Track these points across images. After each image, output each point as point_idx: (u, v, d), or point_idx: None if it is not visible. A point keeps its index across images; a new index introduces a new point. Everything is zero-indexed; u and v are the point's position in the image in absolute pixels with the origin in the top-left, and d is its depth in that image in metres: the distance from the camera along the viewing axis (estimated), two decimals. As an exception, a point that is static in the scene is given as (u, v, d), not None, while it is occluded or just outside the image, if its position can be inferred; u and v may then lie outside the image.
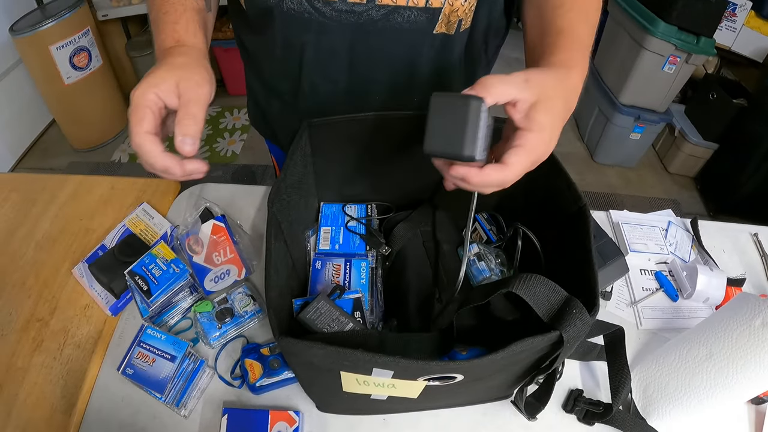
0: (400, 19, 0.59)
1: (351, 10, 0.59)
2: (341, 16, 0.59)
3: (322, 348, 0.41)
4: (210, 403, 0.65)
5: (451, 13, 0.60)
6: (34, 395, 0.67)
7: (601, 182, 2.45)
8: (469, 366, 0.41)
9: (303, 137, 0.61)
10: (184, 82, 0.48)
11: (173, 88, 0.47)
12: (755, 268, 0.86)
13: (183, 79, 0.48)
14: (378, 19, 0.59)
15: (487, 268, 0.64)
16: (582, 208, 0.54)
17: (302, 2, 0.59)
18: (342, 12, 0.59)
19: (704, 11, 1.97)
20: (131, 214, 0.86)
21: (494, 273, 0.64)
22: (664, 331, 0.76)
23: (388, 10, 0.59)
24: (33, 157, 2.61)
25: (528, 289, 0.44)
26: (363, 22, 0.60)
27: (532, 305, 0.44)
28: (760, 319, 0.56)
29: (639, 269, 0.83)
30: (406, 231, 0.72)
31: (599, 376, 0.69)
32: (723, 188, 2.27)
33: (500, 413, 0.65)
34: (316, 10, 0.59)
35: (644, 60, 2.11)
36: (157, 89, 0.47)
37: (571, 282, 0.51)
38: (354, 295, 0.60)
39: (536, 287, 0.44)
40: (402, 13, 0.59)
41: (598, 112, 2.45)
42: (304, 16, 0.60)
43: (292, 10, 0.60)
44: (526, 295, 0.44)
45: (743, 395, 0.60)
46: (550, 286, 0.44)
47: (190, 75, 0.48)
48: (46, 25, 2.15)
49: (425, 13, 0.59)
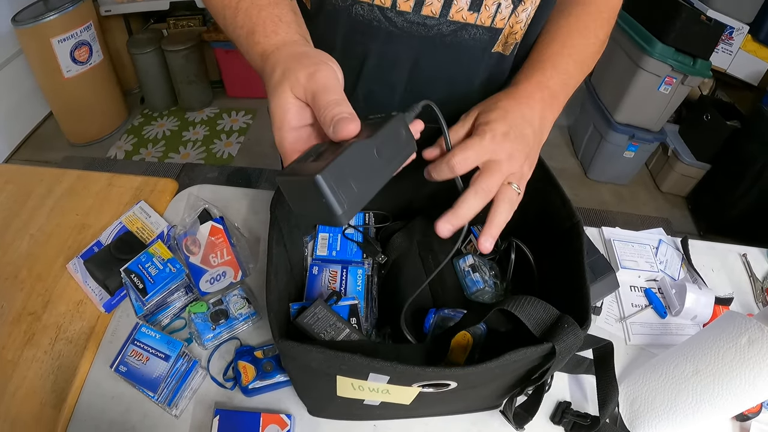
0: (467, 36, 0.60)
1: (423, 22, 0.59)
2: (412, 27, 0.59)
3: (321, 351, 0.41)
4: (201, 403, 0.66)
5: (509, 35, 0.61)
6: (24, 389, 0.67)
7: (593, 198, 2.47)
8: (463, 373, 0.42)
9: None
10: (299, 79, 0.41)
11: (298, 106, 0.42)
12: (743, 288, 0.88)
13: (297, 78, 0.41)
14: (447, 34, 0.60)
15: (481, 280, 0.65)
16: (576, 225, 0.55)
17: (374, 9, 0.58)
18: (413, 24, 0.59)
19: (701, 34, 2.01)
20: (128, 212, 0.86)
21: (488, 284, 0.65)
22: (652, 346, 0.77)
23: (458, 26, 0.59)
24: (28, 149, 2.59)
25: (522, 309, 0.45)
26: (432, 35, 0.60)
27: (526, 322, 0.45)
28: (746, 337, 0.57)
29: (629, 286, 0.85)
30: (403, 240, 0.72)
31: (587, 389, 0.70)
32: (714, 208, 2.30)
33: (489, 423, 0.66)
34: (387, 19, 0.59)
35: (640, 79, 2.15)
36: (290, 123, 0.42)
37: (564, 296, 0.52)
38: (350, 301, 0.60)
39: (529, 307, 0.46)
40: (469, 31, 0.60)
41: (592, 129, 2.48)
42: (373, 23, 0.60)
43: (360, 15, 0.59)
44: (519, 313, 0.45)
45: (728, 411, 0.61)
46: (543, 305, 0.46)
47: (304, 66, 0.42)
48: (49, 18, 2.16)
49: (489, 32, 0.60)
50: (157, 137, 2.69)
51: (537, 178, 0.63)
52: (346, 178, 0.38)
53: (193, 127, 2.76)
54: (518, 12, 0.59)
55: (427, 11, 0.58)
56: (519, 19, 0.60)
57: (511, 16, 0.59)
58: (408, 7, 0.58)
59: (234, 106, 2.88)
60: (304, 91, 0.41)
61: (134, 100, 2.92)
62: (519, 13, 0.59)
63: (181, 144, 2.65)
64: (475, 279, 0.64)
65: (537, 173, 0.63)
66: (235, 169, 2.47)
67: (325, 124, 0.40)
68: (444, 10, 0.58)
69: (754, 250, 0.95)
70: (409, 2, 0.57)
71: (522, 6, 0.58)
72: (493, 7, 0.58)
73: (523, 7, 0.59)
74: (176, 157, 2.57)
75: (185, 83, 2.73)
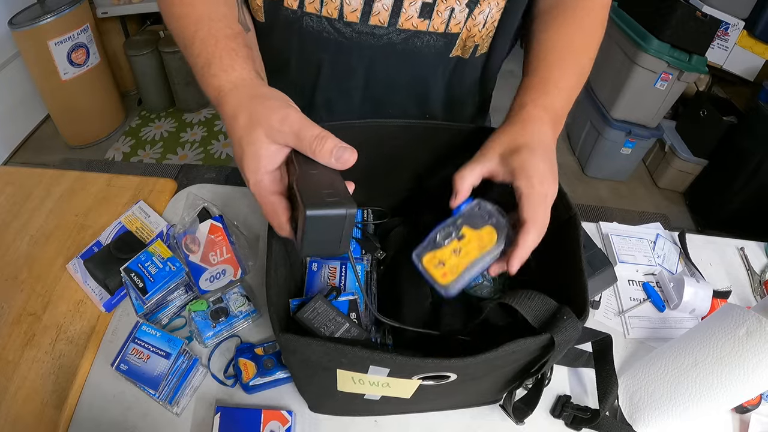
0: (420, 43, 0.60)
1: (371, 32, 0.59)
2: (361, 37, 0.60)
3: (321, 344, 0.41)
4: (202, 401, 0.66)
5: (468, 39, 0.61)
6: (25, 389, 0.67)
7: (591, 195, 2.48)
8: (462, 365, 0.43)
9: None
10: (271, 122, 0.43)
11: (273, 149, 0.43)
12: (741, 281, 0.88)
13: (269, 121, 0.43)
14: (398, 42, 0.60)
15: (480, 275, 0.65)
16: (573, 217, 0.56)
17: (322, 21, 0.59)
18: (362, 33, 0.59)
19: (697, 30, 2.02)
20: (127, 212, 0.86)
21: (486, 279, 0.65)
22: (650, 340, 0.77)
23: (408, 34, 0.59)
24: (26, 151, 2.59)
25: (520, 302, 0.46)
26: (383, 44, 0.60)
27: (525, 315, 0.46)
28: (744, 329, 0.58)
29: (627, 280, 0.85)
30: (401, 236, 0.73)
31: (587, 383, 0.70)
32: (711, 204, 2.30)
33: (489, 417, 0.66)
34: (336, 30, 0.60)
35: (637, 76, 2.15)
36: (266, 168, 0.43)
37: (562, 289, 0.53)
38: (350, 296, 0.61)
39: (528, 301, 0.46)
40: (422, 38, 0.60)
41: (590, 126, 2.48)
42: (323, 35, 0.60)
43: (311, 27, 0.60)
44: (519, 306, 0.46)
45: (727, 403, 0.61)
46: (541, 298, 0.47)
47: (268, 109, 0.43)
48: (46, 20, 2.15)
49: (443, 38, 0.60)
50: (154, 139, 2.69)
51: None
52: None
53: (190, 129, 2.76)
54: (474, 15, 0.58)
55: (375, 21, 0.58)
56: (476, 22, 0.59)
57: (468, 20, 0.58)
58: (355, 17, 0.58)
59: (231, 107, 2.88)
60: (281, 136, 0.42)
61: (132, 101, 2.92)
62: (476, 16, 0.58)
63: (179, 145, 2.65)
64: None
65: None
66: (233, 170, 2.45)
67: (323, 157, 0.41)
68: (392, 19, 0.58)
69: (752, 243, 0.95)
70: (355, 13, 0.57)
71: (478, 8, 0.57)
72: (445, 12, 0.57)
73: (480, 9, 0.58)
74: (174, 159, 2.57)
75: (182, 84, 2.73)
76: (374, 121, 0.65)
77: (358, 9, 0.57)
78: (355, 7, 0.57)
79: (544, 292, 0.55)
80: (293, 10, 0.59)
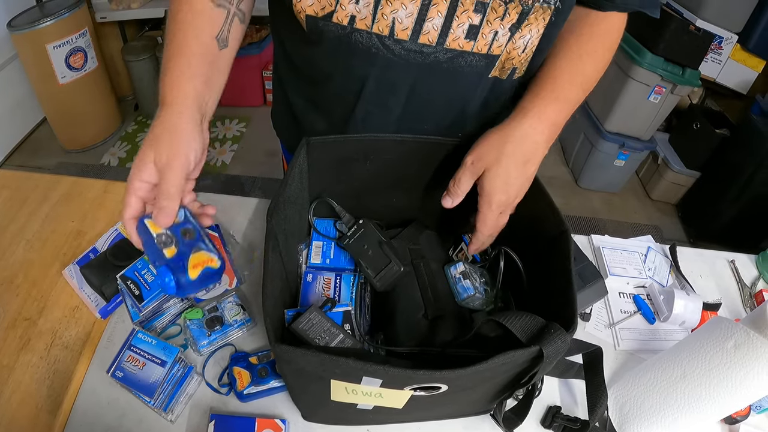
0: (463, 63, 0.62)
1: (420, 50, 0.61)
2: (409, 54, 0.61)
3: (316, 355, 0.42)
4: (197, 408, 0.66)
5: (507, 61, 0.63)
6: (19, 394, 0.67)
7: (584, 206, 2.49)
8: (453, 376, 0.43)
9: (301, 154, 0.63)
10: (159, 158, 0.54)
11: (152, 170, 0.54)
12: (731, 294, 0.90)
13: (158, 155, 0.54)
14: (443, 61, 0.62)
15: (471, 287, 0.66)
16: (564, 232, 0.57)
17: (372, 37, 0.60)
18: (411, 51, 0.61)
19: (691, 43, 2.04)
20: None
21: (478, 291, 0.66)
22: (640, 352, 0.78)
23: (454, 54, 0.61)
24: (22, 154, 2.59)
25: (510, 320, 0.48)
26: (429, 62, 0.62)
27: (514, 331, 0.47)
28: (732, 342, 0.59)
29: (618, 292, 0.86)
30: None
31: (577, 394, 0.71)
32: (704, 216, 2.32)
33: (480, 427, 0.67)
34: (385, 47, 0.61)
35: (630, 89, 2.17)
36: (140, 175, 0.54)
37: (552, 302, 0.54)
38: (344, 308, 0.61)
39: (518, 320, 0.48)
40: (466, 58, 0.62)
41: (583, 138, 2.50)
42: (371, 50, 0.61)
43: (359, 43, 0.61)
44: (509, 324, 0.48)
45: (716, 415, 0.62)
46: (530, 317, 0.48)
47: (164, 148, 0.54)
48: (44, 23, 2.16)
49: (485, 59, 0.62)
50: (151, 144, 2.69)
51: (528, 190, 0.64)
52: None
53: (187, 134, 2.76)
54: (515, 39, 0.61)
55: (424, 40, 0.59)
56: (516, 46, 0.62)
57: (508, 43, 0.61)
58: (405, 35, 0.59)
59: (227, 115, 2.89)
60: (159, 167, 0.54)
61: (128, 106, 2.92)
62: (516, 40, 0.61)
63: (176, 150, 2.65)
64: (465, 286, 0.66)
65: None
66: (229, 177, 2.48)
67: (156, 204, 0.53)
68: (441, 38, 0.59)
69: (743, 256, 0.97)
70: (406, 31, 0.59)
71: (519, 33, 0.60)
72: (489, 35, 0.59)
73: (521, 34, 0.60)
74: (170, 164, 2.56)
75: (180, 90, 2.73)
76: (369, 136, 0.66)
77: (409, 27, 0.58)
78: (407, 25, 0.58)
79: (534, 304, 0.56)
80: (342, 26, 0.60)
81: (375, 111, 0.70)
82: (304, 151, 0.64)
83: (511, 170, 0.60)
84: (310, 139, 0.64)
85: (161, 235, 0.53)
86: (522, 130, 0.60)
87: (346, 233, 0.70)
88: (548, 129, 0.62)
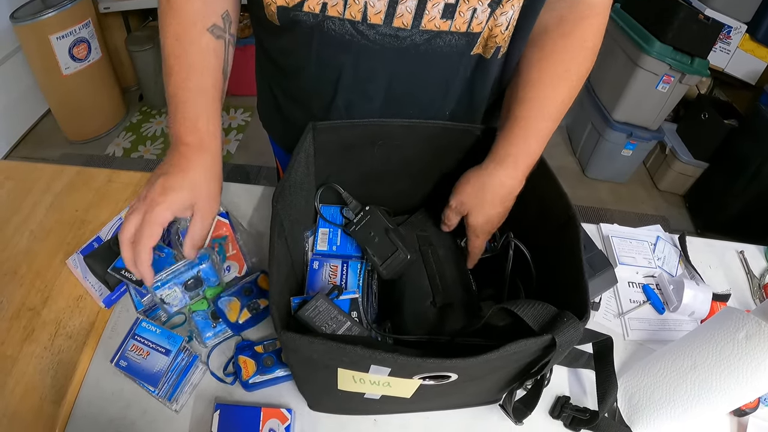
0: (441, 43, 0.61)
1: (395, 34, 0.59)
2: (384, 39, 0.60)
3: (323, 343, 0.41)
4: (202, 398, 0.66)
5: (489, 38, 0.62)
6: (23, 385, 0.67)
7: (591, 196, 2.48)
8: (463, 365, 0.42)
9: (307, 139, 0.62)
10: (198, 201, 0.57)
11: (188, 206, 0.57)
12: (740, 285, 0.88)
13: (198, 198, 0.57)
14: (420, 43, 0.60)
15: None
16: (572, 218, 0.56)
17: (345, 24, 0.59)
18: (386, 36, 0.59)
19: (700, 32, 2.01)
20: (128, 208, 0.86)
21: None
22: (649, 342, 0.77)
23: (431, 35, 0.59)
24: (27, 146, 2.59)
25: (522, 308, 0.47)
26: (406, 46, 0.60)
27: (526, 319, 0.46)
28: (743, 332, 0.58)
29: (627, 282, 0.85)
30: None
31: (586, 384, 0.71)
32: (711, 207, 2.30)
33: (489, 417, 0.66)
34: (359, 33, 0.59)
35: (638, 78, 2.15)
36: (174, 208, 0.55)
37: (562, 290, 0.53)
38: (351, 295, 0.60)
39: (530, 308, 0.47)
40: (444, 38, 0.60)
41: (591, 127, 2.48)
42: (345, 38, 0.60)
43: (332, 30, 0.60)
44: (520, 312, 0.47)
45: (725, 406, 0.61)
46: (542, 305, 0.47)
47: (204, 191, 0.58)
48: (47, 15, 2.15)
49: (465, 37, 0.60)
50: (155, 134, 2.69)
51: (536, 174, 0.63)
52: None
53: (191, 125, 2.75)
54: (497, 15, 0.59)
55: (399, 23, 0.58)
56: (499, 23, 0.60)
57: (489, 19, 0.59)
58: (379, 19, 0.58)
59: (232, 104, 2.88)
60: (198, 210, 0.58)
61: (133, 97, 2.92)
62: (498, 17, 0.59)
63: (180, 142, 2.64)
64: None
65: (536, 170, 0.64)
66: (234, 167, 2.47)
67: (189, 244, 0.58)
68: (416, 21, 0.58)
69: (752, 247, 0.95)
70: (379, 15, 0.57)
71: (500, 9, 0.58)
72: (468, 12, 0.57)
73: (502, 10, 0.58)
74: (175, 155, 2.56)
75: (184, 81, 2.72)
76: (377, 121, 0.65)
77: (382, 11, 0.57)
78: (379, 9, 0.57)
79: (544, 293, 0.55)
80: (315, 14, 0.59)
81: (355, 99, 0.69)
82: (311, 135, 0.63)
83: (491, 210, 0.65)
84: (317, 123, 0.63)
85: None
86: (498, 179, 0.63)
87: (353, 220, 0.69)
88: (525, 170, 0.64)
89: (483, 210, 0.65)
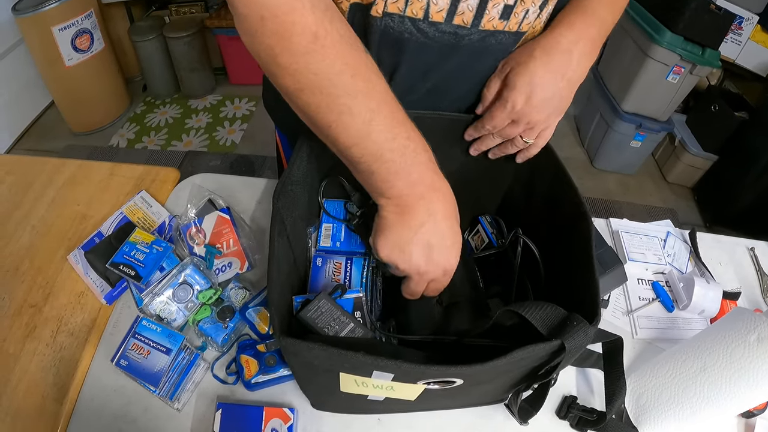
0: (494, 41, 0.60)
1: (454, 32, 0.58)
2: (443, 37, 0.59)
3: (324, 349, 0.40)
4: (203, 397, 0.65)
5: (531, 36, 0.62)
6: (25, 382, 0.66)
7: (599, 188, 2.45)
8: (469, 371, 0.41)
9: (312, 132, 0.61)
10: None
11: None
12: (750, 282, 0.87)
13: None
14: (476, 41, 0.60)
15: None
16: (583, 213, 0.54)
17: (404, 21, 0.57)
18: (445, 33, 0.58)
19: (711, 23, 1.97)
20: (129, 202, 0.85)
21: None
22: (658, 341, 0.76)
23: (487, 33, 0.59)
24: (30, 138, 2.59)
25: (530, 312, 0.46)
26: (464, 44, 0.60)
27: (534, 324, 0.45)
28: (755, 335, 0.56)
29: (636, 278, 0.84)
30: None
31: (594, 384, 0.69)
32: (720, 200, 2.27)
33: (494, 416, 0.65)
34: (419, 31, 0.58)
35: (648, 68, 2.11)
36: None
37: (573, 290, 0.52)
38: (355, 294, 0.59)
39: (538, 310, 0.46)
40: (497, 36, 0.60)
41: (599, 118, 2.45)
42: (404, 35, 0.58)
43: (391, 28, 0.58)
44: (529, 315, 0.45)
45: (735, 409, 0.60)
46: (552, 307, 0.46)
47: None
48: (49, 6, 2.14)
49: (514, 36, 0.60)
50: (159, 125, 2.68)
51: (545, 166, 0.62)
52: None
53: (195, 115, 2.75)
54: (542, 15, 0.59)
55: (459, 21, 0.57)
56: (542, 20, 0.60)
57: (536, 19, 0.59)
58: (440, 17, 0.56)
59: (237, 93, 2.86)
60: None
61: (136, 87, 2.91)
62: (542, 15, 0.59)
63: (184, 132, 2.64)
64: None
65: (545, 161, 0.62)
66: (238, 157, 2.46)
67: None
68: (476, 20, 0.57)
69: (762, 243, 0.93)
70: (441, 12, 0.56)
71: (546, 9, 0.59)
72: (521, 14, 0.57)
73: (546, 10, 0.59)
74: (179, 145, 2.56)
75: (188, 70, 2.71)
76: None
77: (444, 9, 0.56)
78: (442, 6, 0.55)
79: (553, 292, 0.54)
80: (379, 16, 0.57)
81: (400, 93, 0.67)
82: None
83: (537, 71, 0.58)
84: None
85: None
86: (552, 38, 0.59)
87: (356, 214, 0.68)
88: (580, 40, 0.59)
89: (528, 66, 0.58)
